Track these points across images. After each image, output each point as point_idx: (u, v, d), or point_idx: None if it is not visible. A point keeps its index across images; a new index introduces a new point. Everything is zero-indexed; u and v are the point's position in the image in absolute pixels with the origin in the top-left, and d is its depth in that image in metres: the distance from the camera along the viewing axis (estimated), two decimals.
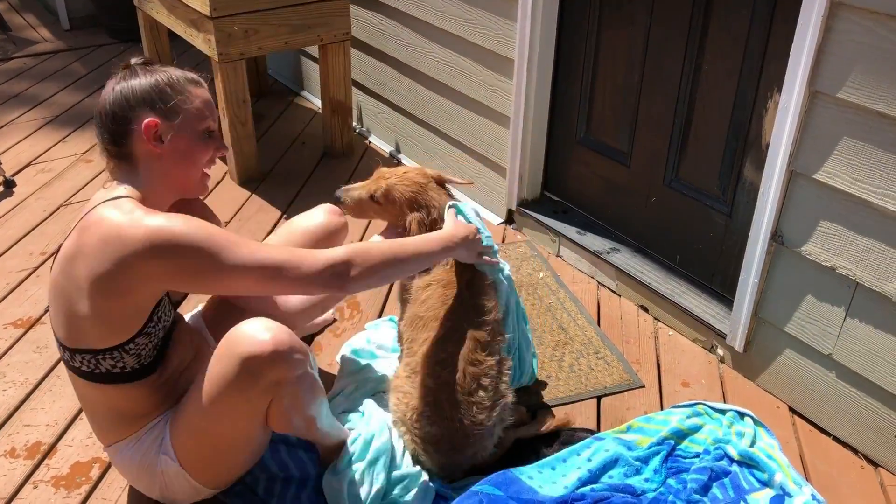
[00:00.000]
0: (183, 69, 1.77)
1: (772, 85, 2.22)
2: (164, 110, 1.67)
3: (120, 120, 1.67)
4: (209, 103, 1.75)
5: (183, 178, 1.74)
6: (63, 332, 1.68)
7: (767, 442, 2.11)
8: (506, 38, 2.87)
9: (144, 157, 1.69)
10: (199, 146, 1.73)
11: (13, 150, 3.76)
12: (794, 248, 2.16)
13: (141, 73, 1.71)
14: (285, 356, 1.64)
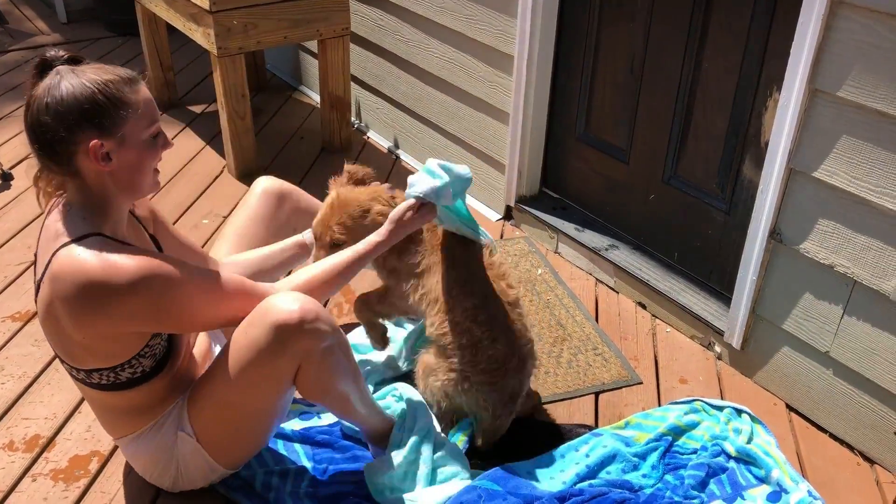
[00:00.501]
0: (114, 67, 1.62)
1: (771, 83, 2.23)
2: (108, 127, 1.55)
3: (60, 141, 1.54)
4: (150, 105, 1.62)
5: (135, 186, 1.66)
6: (70, 359, 1.68)
7: (764, 439, 2.12)
8: (505, 35, 2.87)
9: (92, 175, 1.59)
10: (147, 155, 1.63)
11: (10, 143, 3.75)
12: (793, 246, 2.16)
13: (68, 79, 1.54)
14: (313, 325, 1.67)
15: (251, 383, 1.72)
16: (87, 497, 1.94)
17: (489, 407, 1.96)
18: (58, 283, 1.56)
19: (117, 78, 1.57)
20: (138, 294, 1.55)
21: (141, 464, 1.88)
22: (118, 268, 1.54)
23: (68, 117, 1.52)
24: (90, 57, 4.96)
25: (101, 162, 1.57)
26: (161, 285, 1.58)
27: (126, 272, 1.54)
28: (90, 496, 1.95)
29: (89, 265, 1.54)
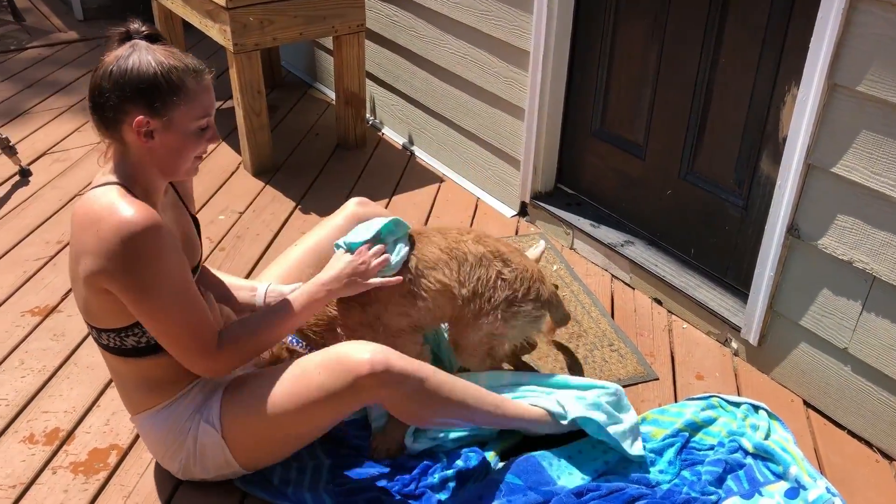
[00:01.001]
0: (186, 55, 1.66)
1: (790, 78, 2.22)
2: (158, 108, 1.60)
3: (112, 109, 1.61)
4: (206, 99, 1.66)
5: (173, 168, 1.69)
6: (84, 313, 1.73)
7: (782, 435, 2.11)
8: (521, 30, 2.87)
9: (135, 146, 1.65)
10: (191, 143, 1.67)
11: (29, 140, 3.78)
12: (811, 242, 2.15)
13: (142, 55, 1.60)
14: (385, 376, 1.71)
15: (309, 416, 1.78)
16: (106, 490, 1.96)
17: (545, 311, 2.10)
18: (75, 228, 1.64)
19: (183, 66, 1.62)
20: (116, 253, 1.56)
21: (152, 443, 1.88)
22: (112, 216, 1.57)
23: (125, 89, 1.59)
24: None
25: (143, 138, 1.62)
26: (144, 251, 1.57)
27: (117, 222, 1.56)
28: (109, 489, 1.96)
29: (94, 204, 1.60)
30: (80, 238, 1.62)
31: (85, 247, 1.60)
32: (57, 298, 2.66)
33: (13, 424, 2.15)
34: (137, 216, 1.56)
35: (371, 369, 1.69)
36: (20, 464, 2.02)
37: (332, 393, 1.72)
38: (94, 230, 1.58)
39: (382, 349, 1.74)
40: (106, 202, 1.59)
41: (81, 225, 1.61)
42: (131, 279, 1.60)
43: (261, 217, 3.19)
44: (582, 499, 1.84)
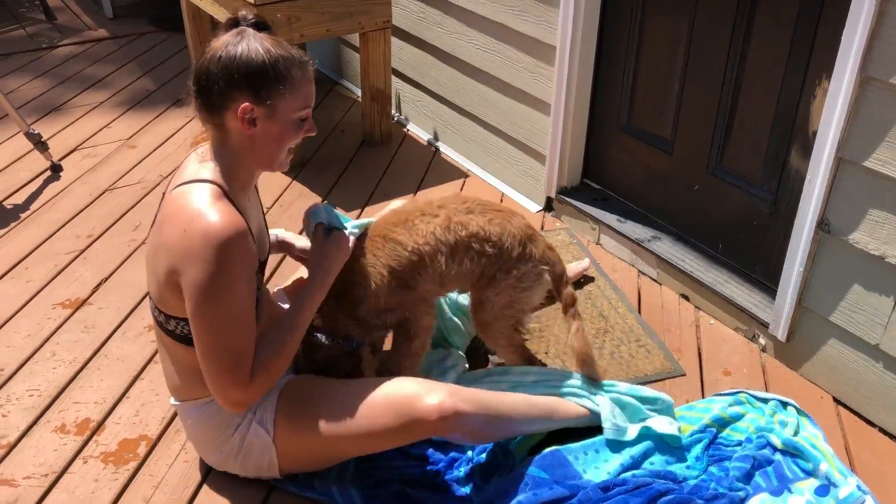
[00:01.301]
0: (292, 46, 1.69)
1: (820, 71, 2.19)
2: (264, 96, 1.62)
3: (219, 93, 1.63)
4: (309, 90, 1.70)
5: (268, 158, 1.72)
6: (156, 298, 1.76)
7: (811, 431, 2.09)
8: (548, 25, 2.86)
9: (235, 133, 1.68)
10: (290, 133, 1.70)
11: (60, 136, 3.84)
12: (841, 237, 2.13)
13: (248, 41, 1.62)
14: (452, 422, 1.73)
15: (367, 446, 1.82)
16: (135, 480, 1.98)
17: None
18: (159, 221, 1.69)
19: (290, 56, 1.65)
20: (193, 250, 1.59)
21: (196, 431, 1.89)
22: (202, 221, 1.60)
23: (233, 75, 1.60)
24: (135, 51, 5.05)
25: (246, 125, 1.64)
26: (219, 260, 1.60)
27: (206, 224, 1.59)
28: (139, 479, 1.99)
29: (185, 209, 1.62)
30: (166, 232, 1.65)
31: (170, 242, 1.63)
32: (87, 291, 2.70)
33: (45, 414, 2.18)
34: (226, 225, 1.59)
35: (439, 416, 1.72)
36: (52, 453, 2.06)
37: (396, 433, 1.76)
38: (181, 229, 1.61)
39: (449, 393, 1.75)
40: (199, 204, 1.62)
41: (171, 220, 1.64)
42: (201, 284, 1.61)
43: (288, 212, 3.22)
44: (608, 493, 1.83)
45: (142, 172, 3.51)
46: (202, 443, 1.91)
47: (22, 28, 5.34)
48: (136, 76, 4.58)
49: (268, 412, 1.83)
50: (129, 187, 3.39)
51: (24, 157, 3.60)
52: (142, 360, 2.38)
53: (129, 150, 3.71)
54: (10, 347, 2.43)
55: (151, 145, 3.75)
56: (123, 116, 4.07)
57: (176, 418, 2.16)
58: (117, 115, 4.08)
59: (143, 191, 3.35)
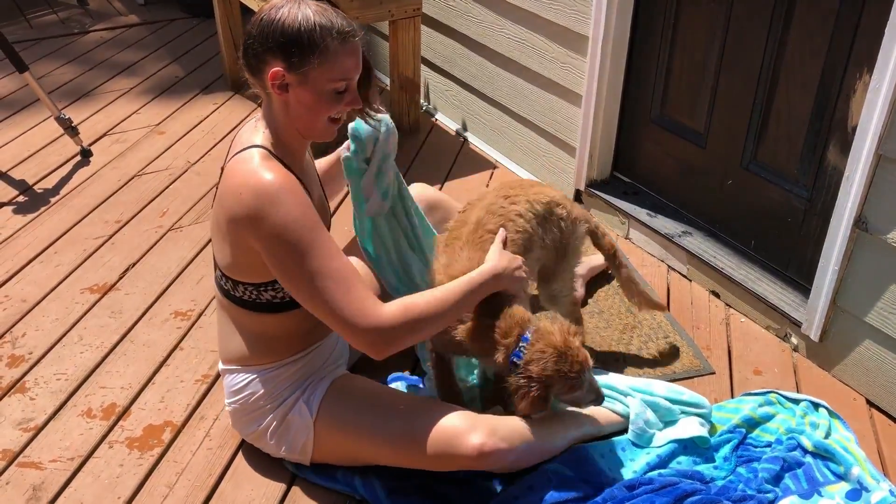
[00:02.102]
0: (339, 14, 1.66)
1: (861, 64, 2.13)
2: (296, 63, 1.61)
3: (255, 55, 1.65)
4: (348, 62, 1.65)
5: (307, 125, 1.72)
6: (224, 264, 1.77)
7: (843, 434, 2.04)
8: (581, 15, 2.82)
9: (273, 96, 1.69)
10: (324, 103, 1.68)
11: (90, 121, 3.86)
12: (879, 236, 2.07)
13: (290, 7, 1.62)
14: (490, 462, 1.75)
15: (401, 461, 1.83)
16: (160, 465, 1.99)
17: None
18: (220, 192, 1.72)
19: (331, 25, 1.62)
20: (254, 211, 1.61)
21: (239, 399, 1.89)
22: (250, 178, 1.63)
23: (268, 38, 1.62)
24: (165, 37, 5.06)
25: (277, 90, 1.65)
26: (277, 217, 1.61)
27: (256, 184, 1.62)
28: (163, 465, 1.99)
29: (238, 171, 1.66)
30: (227, 201, 1.67)
31: (229, 207, 1.66)
32: (114, 277, 2.71)
33: (72, 399, 2.19)
34: (274, 178, 1.62)
35: (479, 455, 1.73)
36: (78, 437, 2.07)
37: (432, 460, 1.78)
38: (237, 194, 1.63)
39: (489, 433, 1.75)
40: (249, 168, 1.66)
41: (229, 189, 1.67)
42: (273, 234, 1.63)
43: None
44: (634, 492, 1.80)
45: (170, 159, 3.52)
46: (244, 412, 1.91)
47: (54, 13, 5.37)
48: (166, 62, 4.59)
49: (317, 394, 1.86)
50: (158, 173, 3.40)
51: (55, 141, 3.63)
52: (168, 346, 2.39)
53: (158, 136, 3.72)
54: (39, 331, 2.45)
55: (180, 132, 3.76)
56: (153, 102, 4.09)
57: (201, 404, 2.17)
58: (147, 101, 4.10)
59: (171, 177, 3.36)
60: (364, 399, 1.87)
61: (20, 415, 2.14)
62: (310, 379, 1.90)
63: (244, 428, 1.94)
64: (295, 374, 1.88)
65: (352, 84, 1.69)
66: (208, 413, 2.15)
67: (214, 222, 1.77)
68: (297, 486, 1.93)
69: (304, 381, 1.89)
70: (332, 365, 1.98)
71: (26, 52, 4.58)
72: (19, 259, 2.80)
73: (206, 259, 2.81)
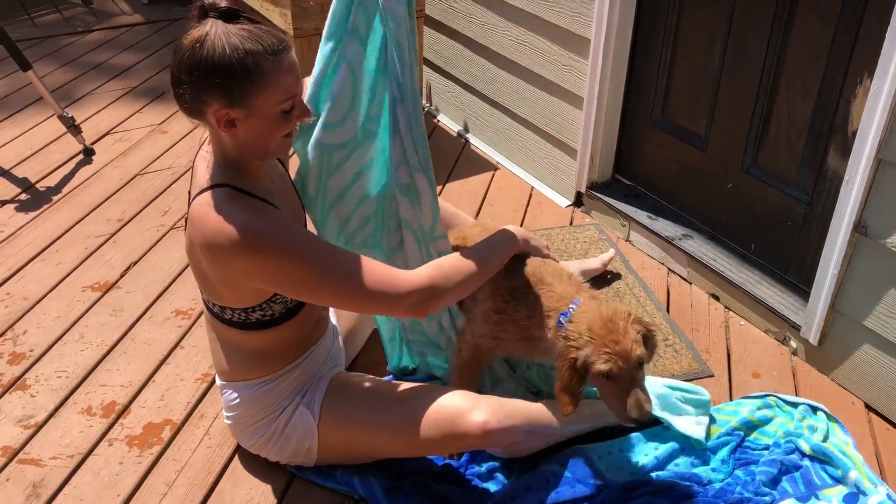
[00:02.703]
0: (265, 31, 1.52)
1: (862, 69, 2.13)
2: (236, 97, 1.50)
3: (191, 98, 1.53)
4: (288, 80, 1.54)
5: (261, 150, 1.64)
6: (206, 293, 1.74)
7: (841, 438, 2.04)
8: (582, 17, 2.82)
9: (222, 133, 1.59)
10: (276, 126, 1.58)
11: (93, 120, 3.87)
12: (878, 240, 2.07)
13: (214, 38, 1.48)
14: (494, 440, 1.76)
15: (406, 452, 1.84)
16: (159, 463, 2.00)
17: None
18: (191, 228, 1.63)
19: (261, 48, 1.49)
20: (241, 255, 1.55)
21: (240, 412, 1.88)
22: (224, 227, 1.54)
23: (201, 80, 1.49)
24: (169, 37, 5.06)
25: (224, 128, 1.55)
26: (267, 248, 1.55)
27: (231, 232, 1.53)
28: (162, 463, 2.00)
29: (208, 220, 1.56)
30: (201, 245, 1.60)
31: (211, 255, 1.59)
32: (116, 275, 2.72)
33: (72, 396, 2.20)
34: (249, 218, 1.55)
35: (483, 432, 1.74)
36: (78, 434, 2.08)
37: (437, 444, 1.79)
38: (219, 242, 1.55)
39: (493, 410, 1.75)
40: (219, 214, 1.55)
41: (204, 236, 1.58)
42: (276, 272, 1.59)
43: None
44: (632, 493, 1.81)
45: (172, 158, 3.53)
46: (245, 424, 1.90)
47: (58, 11, 5.39)
48: (169, 62, 4.59)
49: (316, 396, 1.86)
50: (160, 172, 3.41)
51: (58, 140, 3.64)
52: (168, 345, 2.40)
53: (160, 136, 3.73)
54: (40, 328, 2.46)
55: (182, 131, 3.77)
56: (155, 101, 4.10)
57: (201, 403, 2.18)
58: (149, 101, 4.11)
59: (173, 176, 3.37)
60: (363, 392, 1.86)
61: (21, 412, 2.15)
62: (308, 383, 1.89)
63: (245, 440, 1.94)
64: (293, 383, 1.87)
65: (296, 99, 1.58)
66: (208, 411, 2.15)
67: (192, 259, 1.70)
68: (296, 485, 1.93)
69: (302, 387, 1.88)
70: (328, 367, 1.99)
71: (30, 51, 4.60)
72: (21, 257, 2.81)
73: None
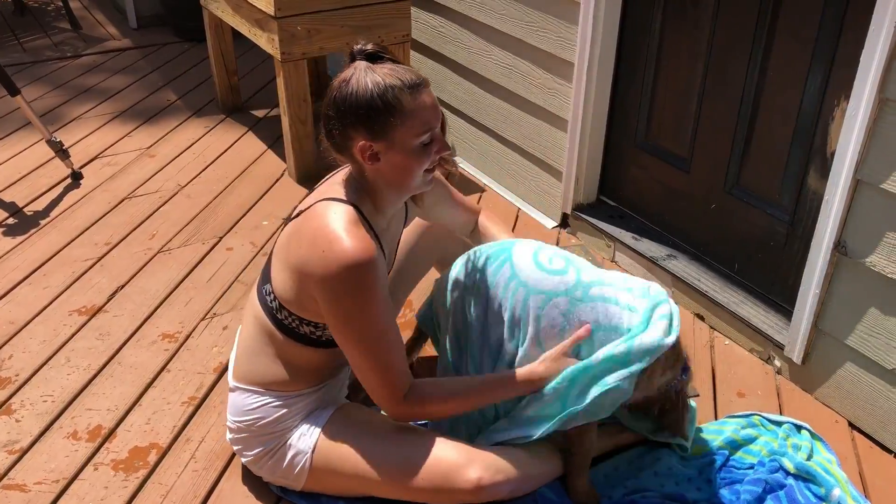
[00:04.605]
0: (407, 70, 1.68)
1: (839, 92, 2.17)
2: (378, 131, 1.64)
3: (339, 133, 1.68)
4: (426, 114, 1.66)
5: (404, 185, 1.73)
6: (278, 288, 1.78)
7: (825, 456, 2.06)
8: (566, 42, 2.86)
9: (365, 167, 1.71)
10: (415, 159, 1.69)
11: (81, 143, 3.88)
12: (858, 259, 2.10)
13: (361, 78, 1.64)
14: (486, 495, 1.77)
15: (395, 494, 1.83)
16: (145, 488, 1.99)
17: None
18: (299, 227, 1.73)
19: (400, 83, 1.63)
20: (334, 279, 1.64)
21: (251, 422, 1.88)
22: (337, 245, 1.63)
23: (346, 115, 1.64)
24: (158, 61, 5.09)
25: (369, 161, 1.68)
26: (357, 286, 1.64)
27: (340, 253, 1.63)
28: (148, 487, 1.99)
29: (323, 230, 1.66)
30: (305, 244, 1.69)
31: (305, 259, 1.68)
32: (103, 299, 2.72)
33: (58, 420, 2.20)
34: (358, 252, 1.62)
35: (476, 489, 1.75)
36: (64, 459, 2.07)
37: (429, 495, 1.79)
38: (320, 250, 1.65)
39: (486, 466, 1.76)
40: (337, 227, 1.65)
41: (311, 239, 1.68)
42: (338, 307, 1.68)
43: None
44: None
45: (160, 182, 3.54)
46: (249, 434, 1.89)
47: (47, 36, 5.42)
48: (158, 86, 4.62)
49: (319, 422, 1.86)
50: (148, 196, 3.42)
51: (46, 164, 3.65)
52: (154, 369, 2.40)
53: (149, 160, 3.75)
54: (26, 353, 2.46)
55: (170, 155, 3.79)
56: (144, 126, 4.11)
57: (187, 427, 2.18)
58: (138, 125, 4.12)
59: (161, 200, 3.38)
60: (364, 428, 1.87)
61: (5, 437, 2.14)
62: (318, 409, 1.91)
63: (245, 449, 1.93)
64: (309, 406, 1.89)
65: (435, 133, 1.69)
66: (194, 435, 2.15)
67: (283, 251, 1.77)
68: None
69: (312, 411, 1.89)
70: (340, 395, 2.01)
71: (18, 76, 4.62)
72: (8, 281, 2.81)
73: (195, 281, 2.82)
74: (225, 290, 2.77)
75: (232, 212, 3.29)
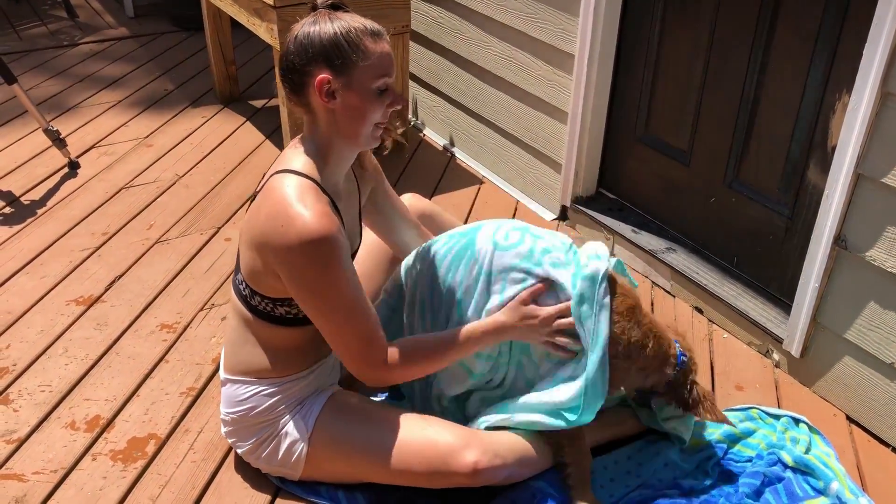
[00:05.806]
0: (364, 18, 1.74)
1: (841, 86, 2.17)
2: (338, 66, 1.67)
3: (298, 71, 1.70)
4: (385, 59, 1.71)
5: (353, 133, 1.74)
6: (247, 270, 1.79)
7: (823, 450, 2.07)
8: (566, 33, 2.86)
9: (320, 110, 1.72)
10: (370, 103, 1.71)
11: (78, 133, 3.86)
12: (858, 254, 2.11)
13: (324, 21, 1.69)
14: (484, 478, 1.78)
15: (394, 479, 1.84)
16: (143, 478, 1.99)
17: None
18: (258, 204, 1.74)
19: (363, 27, 1.70)
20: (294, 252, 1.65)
21: (243, 412, 1.88)
22: (297, 219, 1.64)
23: (308, 50, 1.68)
24: (155, 50, 5.07)
25: (325, 97, 1.69)
26: (318, 258, 1.65)
27: (300, 227, 1.63)
28: (147, 477, 1.99)
29: (281, 204, 1.67)
30: (264, 221, 1.70)
31: (268, 233, 1.69)
32: (100, 289, 2.71)
33: (56, 411, 2.19)
34: (317, 224, 1.64)
35: (473, 472, 1.76)
36: (62, 449, 2.06)
37: (426, 478, 1.80)
38: (279, 224, 1.66)
39: (484, 450, 1.77)
40: (293, 200, 1.66)
41: (269, 214, 1.69)
42: (302, 280, 1.69)
43: None
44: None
45: (158, 171, 3.53)
46: (243, 424, 1.90)
47: (44, 25, 5.38)
48: (155, 75, 4.60)
49: (314, 410, 1.86)
50: (145, 186, 3.40)
51: (43, 153, 3.63)
52: (153, 359, 2.39)
53: (146, 149, 3.73)
54: (24, 342, 2.45)
55: (168, 144, 3.78)
56: (141, 115, 4.10)
57: (185, 417, 2.17)
58: (135, 114, 4.10)
59: (158, 190, 3.37)
60: (359, 414, 1.87)
61: (3, 426, 2.13)
62: (311, 395, 1.90)
63: (239, 440, 1.93)
64: (300, 392, 1.88)
65: (391, 83, 1.73)
66: (193, 426, 2.15)
67: (247, 230, 1.78)
68: (281, 501, 1.93)
69: (306, 398, 1.89)
70: (331, 380, 2.00)
71: (15, 64, 4.59)
72: (5, 270, 2.80)
73: (193, 272, 2.81)
74: (223, 280, 2.77)
75: (230, 202, 3.28)
